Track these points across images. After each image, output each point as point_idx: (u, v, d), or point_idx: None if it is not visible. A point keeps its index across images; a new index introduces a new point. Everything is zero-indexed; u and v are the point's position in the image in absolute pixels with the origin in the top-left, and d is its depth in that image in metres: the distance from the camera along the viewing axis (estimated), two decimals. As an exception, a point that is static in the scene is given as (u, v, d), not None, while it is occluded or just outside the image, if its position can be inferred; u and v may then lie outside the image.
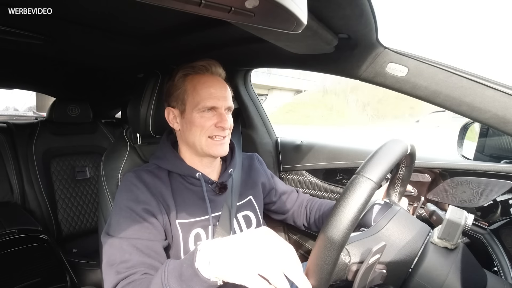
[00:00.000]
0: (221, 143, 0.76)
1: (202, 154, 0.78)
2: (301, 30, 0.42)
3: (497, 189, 0.77)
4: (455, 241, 0.51)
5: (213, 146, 0.75)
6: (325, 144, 1.20)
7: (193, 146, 0.77)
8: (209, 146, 0.75)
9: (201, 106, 0.73)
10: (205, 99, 0.73)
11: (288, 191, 1.02)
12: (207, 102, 0.73)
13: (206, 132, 0.74)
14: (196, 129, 0.75)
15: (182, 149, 0.82)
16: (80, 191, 1.72)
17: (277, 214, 1.02)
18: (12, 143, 1.57)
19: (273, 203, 0.99)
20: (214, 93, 0.74)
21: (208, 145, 0.75)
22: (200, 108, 0.74)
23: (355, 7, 0.56)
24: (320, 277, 0.45)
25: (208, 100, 0.73)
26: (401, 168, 0.67)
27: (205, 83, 0.75)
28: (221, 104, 0.75)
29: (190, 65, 0.77)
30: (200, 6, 0.34)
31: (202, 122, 0.74)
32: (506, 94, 0.59)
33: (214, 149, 0.75)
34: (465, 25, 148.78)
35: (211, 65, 0.77)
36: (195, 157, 0.80)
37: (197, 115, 0.74)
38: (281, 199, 0.99)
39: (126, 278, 0.61)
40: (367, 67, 0.74)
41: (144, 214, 0.69)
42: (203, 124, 0.74)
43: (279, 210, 1.00)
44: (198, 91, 0.74)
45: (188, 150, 0.80)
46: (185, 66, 0.77)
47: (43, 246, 1.21)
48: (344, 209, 0.43)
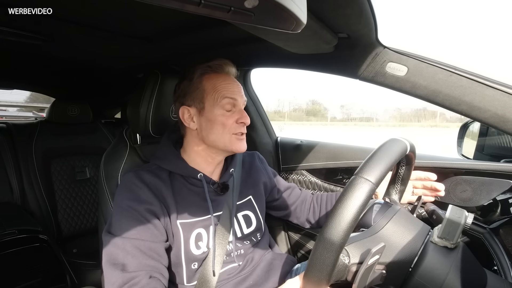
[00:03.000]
0: (243, 139, 0.78)
1: (221, 151, 0.79)
2: (300, 30, 0.42)
3: (497, 188, 0.77)
4: (455, 240, 0.51)
5: (237, 142, 0.77)
6: (325, 143, 1.20)
7: (214, 143, 0.77)
8: (233, 142, 0.76)
9: (223, 103, 0.75)
10: (225, 95, 0.75)
11: (291, 187, 1.02)
12: (229, 100, 0.75)
13: (229, 130, 0.75)
14: (218, 127, 0.75)
15: (192, 149, 0.80)
16: (80, 191, 1.72)
17: (279, 210, 1.01)
18: (12, 143, 1.57)
19: (275, 200, 0.99)
20: (232, 89, 0.76)
21: (232, 142, 0.76)
22: (223, 105, 0.75)
23: (355, 6, 0.56)
24: (320, 278, 0.45)
25: (229, 97, 0.75)
26: (401, 167, 0.67)
27: (224, 81, 0.76)
28: (240, 100, 0.77)
29: (207, 64, 0.77)
30: (200, 6, 0.34)
31: (223, 120, 0.75)
32: (505, 93, 0.59)
33: (238, 146, 0.77)
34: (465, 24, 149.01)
35: (226, 65, 0.78)
36: (206, 156, 0.80)
37: (218, 113, 0.75)
38: (283, 196, 0.99)
39: (132, 280, 0.61)
40: (367, 66, 0.74)
41: (146, 214, 0.69)
42: (225, 121, 0.75)
43: (281, 206, 1.00)
44: (218, 89, 0.75)
45: (205, 148, 0.79)
46: (201, 65, 0.78)
47: (43, 246, 1.21)
48: (343, 210, 0.43)
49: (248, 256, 0.83)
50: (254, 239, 0.85)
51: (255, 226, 0.86)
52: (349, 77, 0.81)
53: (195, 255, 0.74)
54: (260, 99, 1.34)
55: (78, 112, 1.73)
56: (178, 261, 0.73)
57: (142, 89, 0.87)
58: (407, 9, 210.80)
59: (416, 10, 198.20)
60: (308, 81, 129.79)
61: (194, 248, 0.74)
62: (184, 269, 0.74)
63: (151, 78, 0.87)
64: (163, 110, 0.88)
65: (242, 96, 0.78)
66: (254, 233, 0.86)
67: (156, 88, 0.86)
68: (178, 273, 0.75)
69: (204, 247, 0.75)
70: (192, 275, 0.75)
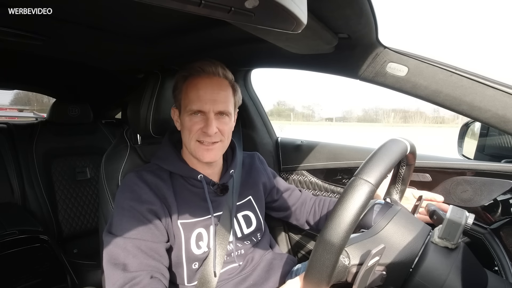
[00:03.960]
0: (208, 149, 0.74)
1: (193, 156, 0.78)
2: (301, 30, 0.42)
3: (498, 189, 0.77)
4: (456, 241, 0.51)
5: (200, 150, 0.74)
6: (325, 144, 1.20)
7: (187, 147, 0.78)
8: (197, 150, 0.75)
9: (188, 109, 0.73)
10: (192, 102, 0.72)
11: (291, 188, 1.02)
12: (193, 105, 0.72)
13: (194, 136, 0.74)
14: (186, 132, 0.75)
15: (185, 149, 0.82)
16: (80, 192, 1.72)
17: (278, 211, 1.01)
18: (12, 144, 1.58)
19: (274, 201, 0.99)
20: (203, 96, 0.72)
21: (196, 149, 0.75)
22: (187, 111, 0.73)
23: (355, 6, 0.56)
24: (320, 279, 0.45)
25: (195, 103, 0.72)
26: (402, 167, 0.67)
27: (195, 86, 0.73)
28: (208, 108, 0.72)
29: (188, 66, 0.76)
30: (200, 6, 0.34)
31: (190, 126, 0.73)
32: (506, 93, 0.59)
33: (201, 154, 0.74)
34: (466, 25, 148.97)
35: (206, 66, 0.74)
36: (193, 158, 0.80)
37: (186, 118, 0.74)
38: (283, 197, 0.99)
39: (134, 280, 0.61)
40: (367, 66, 0.74)
41: (147, 214, 0.69)
42: (190, 127, 0.73)
43: (281, 207, 1.00)
44: (187, 93, 0.74)
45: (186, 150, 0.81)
46: (185, 67, 0.78)
47: (43, 247, 1.21)
48: (343, 212, 0.43)
49: (248, 256, 0.83)
50: (254, 239, 0.86)
51: (255, 226, 0.86)
52: (349, 77, 0.81)
53: (196, 255, 0.74)
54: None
55: (78, 113, 1.73)
56: (179, 261, 0.73)
57: (143, 90, 0.87)
58: (407, 9, 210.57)
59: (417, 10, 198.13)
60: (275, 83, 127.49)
61: (195, 248, 0.74)
62: (184, 269, 0.74)
63: (151, 78, 0.87)
64: (164, 110, 0.88)
65: (214, 102, 0.72)
66: (254, 233, 0.86)
67: (157, 88, 0.86)
68: (178, 273, 0.75)
69: (204, 247, 0.75)
70: (193, 275, 0.75)
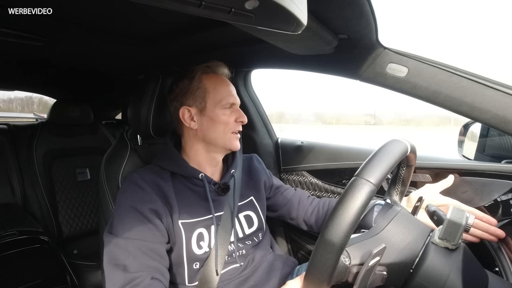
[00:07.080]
0: (237, 137, 0.82)
1: (221, 149, 0.81)
2: (301, 31, 0.43)
3: (498, 189, 0.77)
4: (456, 242, 0.51)
5: (234, 140, 0.81)
6: (325, 144, 1.20)
7: (214, 142, 0.79)
8: (232, 140, 0.80)
9: (224, 103, 0.78)
10: (227, 96, 0.79)
11: (285, 187, 1.01)
12: (230, 99, 0.79)
13: (230, 128, 0.79)
14: (220, 126, 0.78)
15: (190, 148, 0.82)
16: (80, 193, 1.72)
17: (271, 211, 0.99)
18: (13, 144, 1.58)
19: (268, 199, 0.98)
20: (231, 90, 0.81)
21: (231, 140, 0.80)
22: (224, 104, 0.78)
23: (355, 7, 0.56)
24: (320, 279, 0.45)
25: (229, 97, 0.79)
26: (402, 168, 0.67)
27: (221, 82, 0.80)
28: (237, 101, 0.82)
29: (206, 65, 0.81)
30: (200, 7, 0.34)
31: (225, 119, 0.78)
32: (506, 94, 0.59)
33: (236, 144, 0.81)
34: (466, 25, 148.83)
35: (223, 67, 0.83)
36: (205, 156, 0.81)
37: (219, 112, 0.78)
38: (275, 196, 0.98)
39: (134, 281, 0.61)
40: (367, 67, 0.74)
41: (149, 215, 0.69)
42: (226, 120, 0.78)
43: (272, 206, 0.98)
44: (218, 89, 0.79)
45: (203, 147, 0.81)
46: (201, 66, 0.81)
47: (43, 247, 1.21)
48: (344, 212, 0.43)
49: (249, 257, 0.82)
50: (255, 239, 0.85)
51: (256, 226, 0.86)
52: (349, 78, 0.81)
53: (196, 255, 0.74)
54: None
55: (79, 113, 1.73)
56: (180, 261, 0.73)
57: (143, 91, 0.87)
58: (407, 9, 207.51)
59: (417, 10, 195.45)
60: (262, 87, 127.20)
61: (196, 248, 0.74)
62: (185, 269, 0.74)
63: (151, 79, 0.87)
64: (164, 111, 0.88)
65: (237, 97, 0.82)
66: (256, 233, 0.86)
67: (157, 89, 0.86)
68: (179, 273, 0.75)
69: (205, 246, 0.75)
70: (194, 275, 0.75)
